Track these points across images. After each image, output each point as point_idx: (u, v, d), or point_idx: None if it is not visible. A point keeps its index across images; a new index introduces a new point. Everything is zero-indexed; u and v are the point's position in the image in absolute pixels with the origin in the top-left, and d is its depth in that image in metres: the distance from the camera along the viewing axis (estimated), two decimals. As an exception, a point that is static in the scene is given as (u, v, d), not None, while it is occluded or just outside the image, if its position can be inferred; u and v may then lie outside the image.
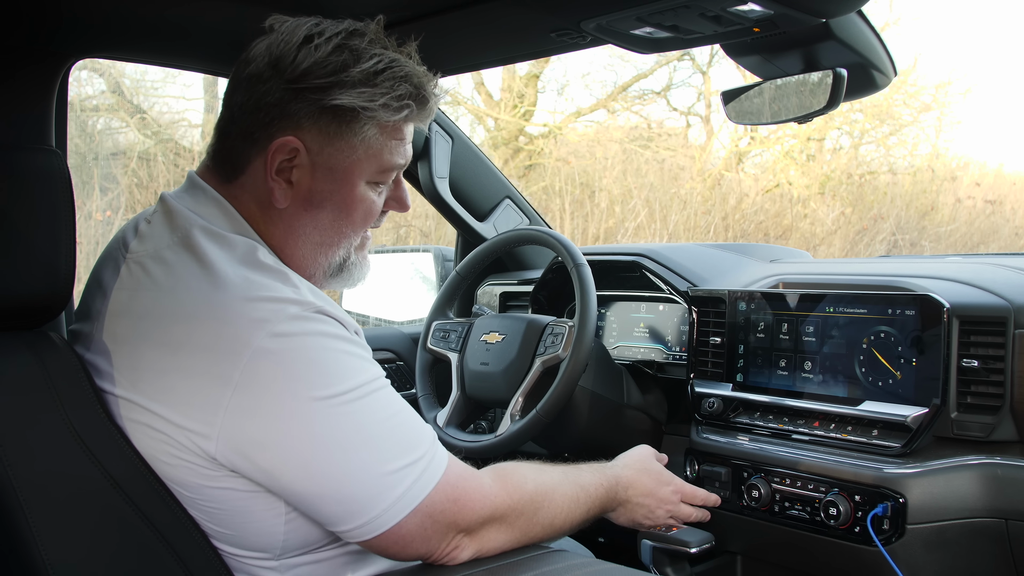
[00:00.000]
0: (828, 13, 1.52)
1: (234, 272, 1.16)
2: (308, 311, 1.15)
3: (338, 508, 1.14)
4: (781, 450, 1.74)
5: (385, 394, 1.19)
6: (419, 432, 1.21)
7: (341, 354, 1.16)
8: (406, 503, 1.15)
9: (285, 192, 1.25)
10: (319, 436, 1.11)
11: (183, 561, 1.15)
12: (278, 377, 1.10)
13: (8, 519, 1.09)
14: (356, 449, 1.13)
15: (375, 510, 1.14)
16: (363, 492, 1.13)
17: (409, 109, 1.25)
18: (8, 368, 1.15)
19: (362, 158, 1.26)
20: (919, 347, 1.61)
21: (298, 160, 1.24)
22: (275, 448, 1.10)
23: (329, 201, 1.27)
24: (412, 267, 2.92)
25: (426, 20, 1.63)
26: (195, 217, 1.24)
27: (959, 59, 15.23)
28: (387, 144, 1.27)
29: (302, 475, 1.12)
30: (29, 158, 1.20)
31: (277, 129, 1.23)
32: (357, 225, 1.31)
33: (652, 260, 2.15)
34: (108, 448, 1.14)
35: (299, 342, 1.12)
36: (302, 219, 1.27)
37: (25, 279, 1.18)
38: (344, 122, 1.23)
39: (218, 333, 1.11)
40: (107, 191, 6.63)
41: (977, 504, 1.54)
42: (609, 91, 10.42)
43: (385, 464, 1.14)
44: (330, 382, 1.12)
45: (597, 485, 1.55)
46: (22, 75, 1.72)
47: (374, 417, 1.16)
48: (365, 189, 1.29)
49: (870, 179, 10.42)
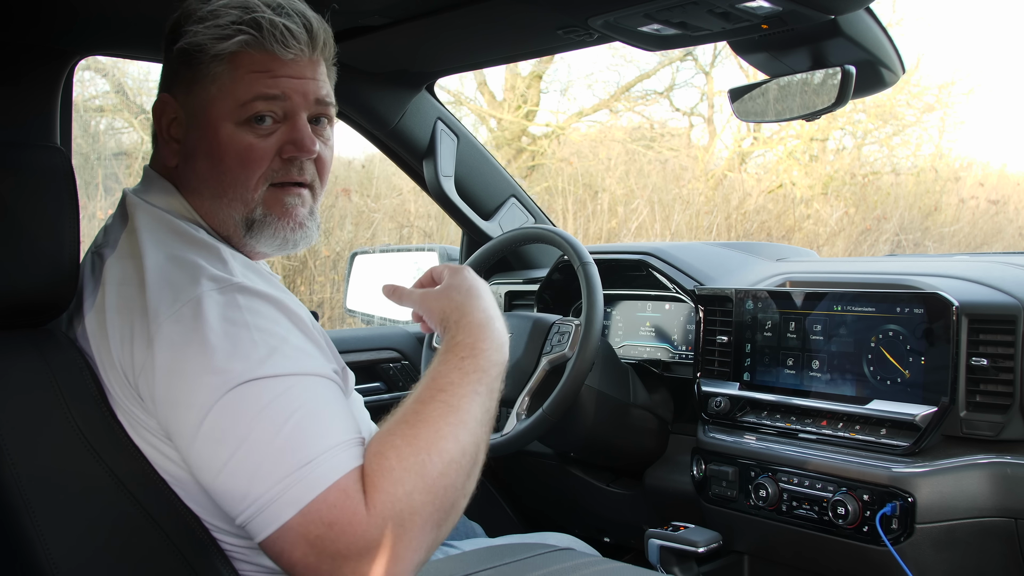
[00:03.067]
0: (837, 10, 1.51)
1: (163, 252, 1.16)
2: (224, 286, 1.11)
3: (223, 494, 1.04)
4: (788, 449, 1.73)
5: (293, 387, 1.06)
6: (317, 437, 1.03)
7: (246, 332, 1.07)
8: (273, 516, 1.00)
9: (173, 150, 1.28)
10: (197, 410, 1.04)
11: (187, 560, 1.14)
12: (181, 350, 1.06)
13: (12, 518, 1.09)
14: (237, 432, 1.02)
15: (252, 506, 1.01)
16: (240, 481, 1.02)
17: (244, 35, 1.20)
18: (12, 366, 1.14)
19: (216, 96, 1.23)
20: (928, 345, 1.60)
21: (178, 116, 1.26)
22: (172, 422, 1.08)
23: (199, 148, 1.25)
24: (417, 266, 2.91)
25: (432, 17, 1.63)
26: (139, 201, 1.26)
27: (962, 59, 15.27)
28: (241, 78, 1.22)
29: (185, 449, 1.07)
30: (33, 155, 1.20)
31: (160, 92, 1.28)
32: (236, 172, 1.24)
33: (658, 259, 2.14)
34: (112, 446, 1.14)
35: (205, 314, 1.07)
36: (189, 173, 1.27)
37: (29, 276, 1.17)
38: (191, 65, 1.23)
39: (141, 303, 1.12)
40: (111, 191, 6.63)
41: (986, 503, 1.53)
42: (612, 91, 10.42)
43: (260, 457, 1.01)
44: (220, 358, 1.04)
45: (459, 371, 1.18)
46: (27, 73, 1.72)
47: (258, 403, 1.03)
48: (234, 130, 1.23)
49: (873, 179, 10.40)
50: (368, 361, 2.39)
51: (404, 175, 2.59)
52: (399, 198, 7.52)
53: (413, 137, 2.40)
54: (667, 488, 2.04)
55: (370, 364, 2.40)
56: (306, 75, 1.25)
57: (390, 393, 2.42)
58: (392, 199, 7.48)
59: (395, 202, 7.52)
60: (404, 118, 2.35)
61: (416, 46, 1.95)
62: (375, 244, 6.72)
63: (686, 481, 1.94)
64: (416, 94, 2.34)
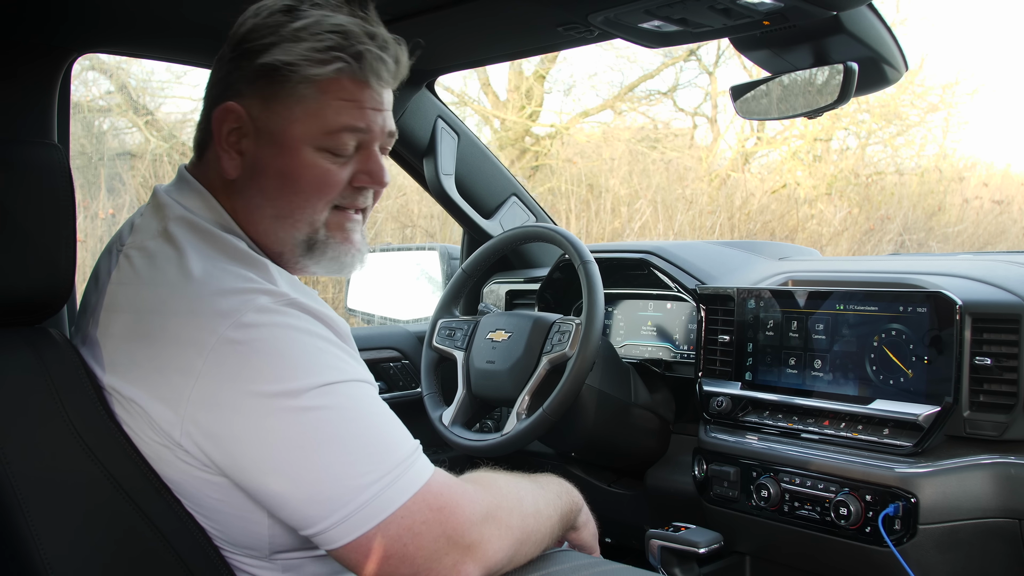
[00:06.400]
0: (838, 6, 1.50)
1: (209, 264, 1.14)
2: (279, 303, 1.11)
3: (298, 508, 1.07)
4: (791, 449, 1.72)
5: (359, 395, 1.12)
6: (397, 440, 1.11)
7: (308, 349, 1.10)
8: (376, 509, 1.05)
9: (235, 162, 1.23)
10: (275, 431, 1.05)
11: (183, 560, 1.13)
12: (238, 369, 1.06)
13: (7, 517, 1.08)
14: (315, 447, 1.06)
15: (337, 514, 1.05)
16: (323, 493, 1.05)
17: (340, 62, 1.19)
18: (7, 365, 1.14)
19: (300, 119, 1.21)
20: (931, 345, 1.59)
21: (244, 128, 1.22)
22: (230, 441, 1.06)
23: (271, 167, 1.22)
24: (418, 265, 2.90)
25: (432, 14, 1.62)
26: (177, 207, 1.23)
27: (966, 59, 15.23)
28: (329, 104, 1.20)
29: (258, 471, 1.06)
30: (29, 152, 1.19)
31: (224, 99, 1.22)
32: (309, 195, 1.24)
33: (660, 258, 2.13)
34: (108, 445, 1.13)
35: (264, 333, 1.08)
36: (252, 189, 1.24)
37: (25, 274, 1.17)
38: (276, 81, 1.19)
39: (187, 324, 1.09)
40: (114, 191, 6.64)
41: (990, 504, 1.52)
42: (615, 92, 10.41)
43: (350, 466, 1.06)
44: (289, 376, 1.06)
45: (546, 477, 1.40)
46: (24, 70, 1.72)
47: (340, 416, 1.08)
48: (313, 155, 1.22)
49: (877, 179, 10.39)
50: (369, 360, 2.34)
51: (408, 175, 2.59)
52: (403, 198, 7.53)
53: (413, 135, 2.39)
54: (668, 488, 2.04)
55: (371, 363, 2.35)
56: (384, 107, 1.27)
57: (390, 392, 2.41)
58: (396, 199, 7.49)
59: (399, 202, 7.53)
60: (404, 116, 2.34)
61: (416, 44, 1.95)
62: (377, 244, 6.71)
63: (687, 481, 1.93)
64: (416, 92, 2.33)
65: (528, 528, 1.22)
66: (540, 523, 1.26)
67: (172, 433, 1.09)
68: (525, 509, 1.23)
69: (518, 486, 1.27)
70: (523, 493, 1.26)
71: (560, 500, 1.36)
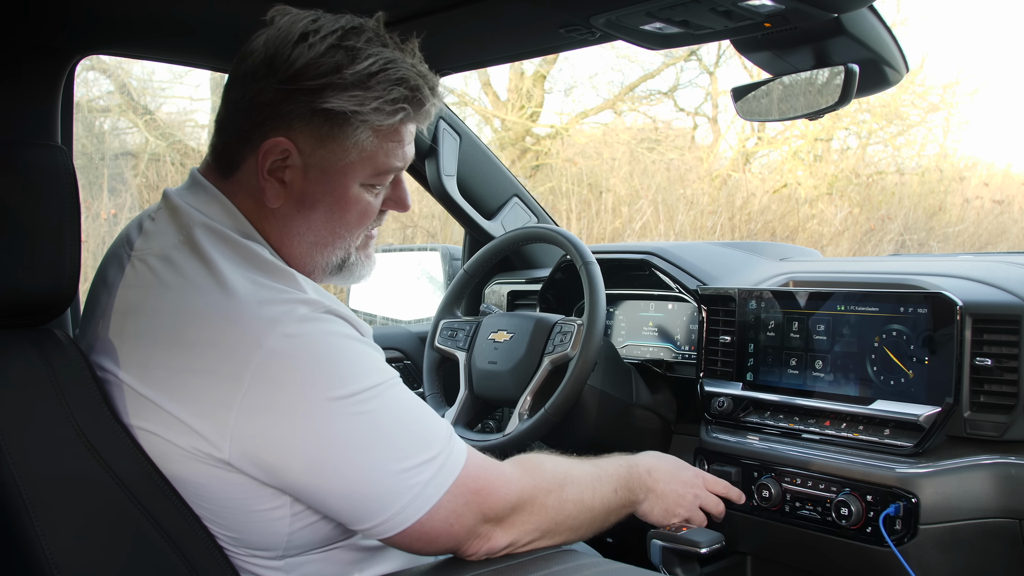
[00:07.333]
0: (839, 8, 1.51)
1: (241, 275, 1.16)
2: (318, 311, 1.14)
3: (355, 507, 1.14)
4: (792, 450, 1.73)
5: (399, 392, 1.19)
6: (435, 428, 1.20)
7: (354, 353, 1.15)
8: (425, 500, 1.15)
9: (277, 192, 1.24)
10: (333, 436, 1.11)
11: (188, 560, 1.14)
12: (291, 377, 1.10)
13: (12, 518, 1.08)
14: (371, 448, 1.12)
15: (392, 508, 1.13)
16: (380, 491, 1.13)
17: (404, 112, 1.22)
18: (12, 366, 1.14)
19: (355, 161, 1.23)
20: (931, 345, 1.60)
21: (290, 160, 1.22)
22: (289, 447, 1.10)
23: (322, 202, 1.25)
24: (419, 266, 2.91)
25: (433, 16, 1.62)
26: (198, 214, 1.23)
27: (967, 59, 15.23)
28: (382, 147, 1.24)
29: (317, 475, 1.11)
30: (34, 153, 1.19)
31: (269, 129, 1.21)
32: (352, 226, 1.29)
33: (661, 258, 2.13)
34: (113, 446, 1.13)
35: (311, 342, 1.12)
36: (295, 219, 1.26)
37: (29, 275, 1.17)
38: (336, 125, 1.20)
39: (229, 333, 1.11)
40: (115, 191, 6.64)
41: (990, 504, 1.53)
42: (616, 92, 10.42)
43: (401, 462, 1.14)
44: (344, 382, 1.12)
45: (616, 465, 1.51)
46: (27, 72, 1.72)
47: (389, 416, 1.15)
48: (359, 191, 1.26)
49: (878, 179, 10.39)
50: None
51: (409, 176, 2.59)
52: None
53: (415, 136, 2.39)
54: (670, 488, 2.03)
55: None
56: (410, 139, 1.31)
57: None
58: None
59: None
60: (406, 117, 2.34)
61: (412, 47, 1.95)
62: (378, 244, 6.71)
63: (689, 481, 1.93)
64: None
65: (566, 512, 1.34)
66: (580, 511, 1.37)
67: (214, 440, 1.10)
68: (565, 495, 1.35)
69: (567, 473, 1.38)
70: (569, 480, 1.37)
71: (616, 495, 1.47)
